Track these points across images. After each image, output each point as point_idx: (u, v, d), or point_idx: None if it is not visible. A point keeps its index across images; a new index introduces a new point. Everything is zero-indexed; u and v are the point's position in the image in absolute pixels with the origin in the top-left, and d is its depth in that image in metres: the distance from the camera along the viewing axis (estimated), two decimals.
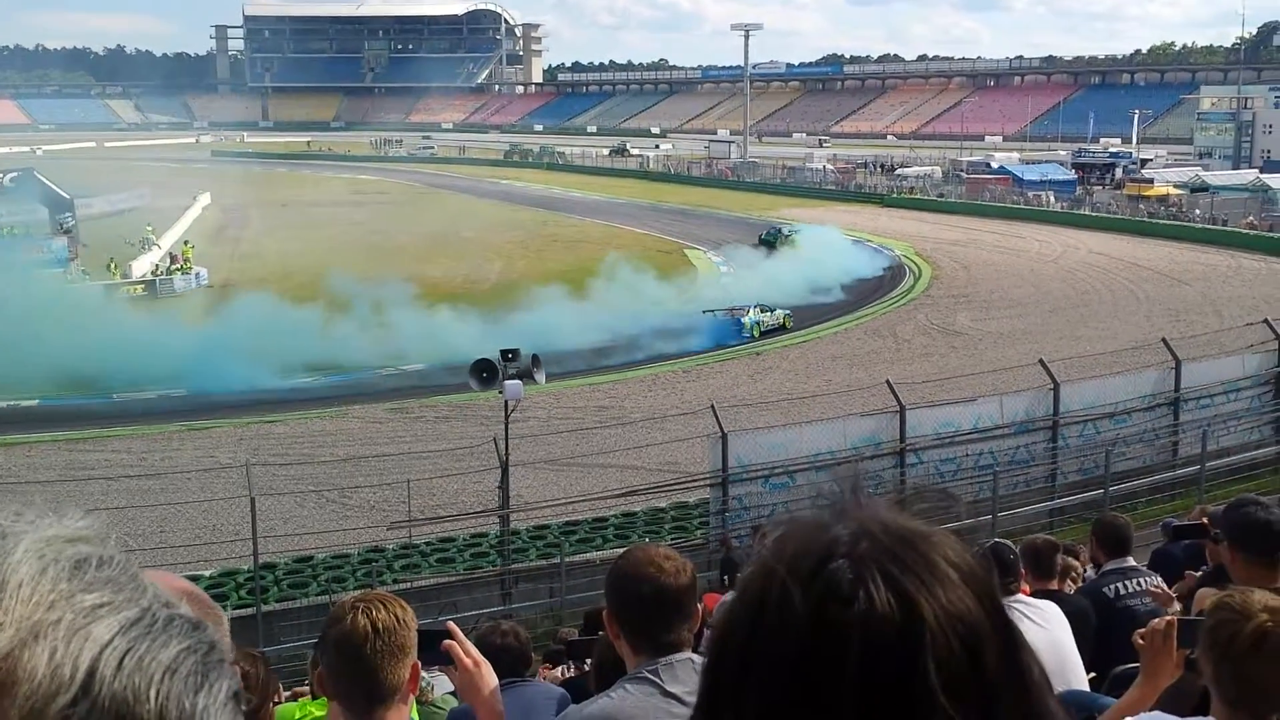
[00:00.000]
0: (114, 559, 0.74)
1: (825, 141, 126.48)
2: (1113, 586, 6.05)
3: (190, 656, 0.73)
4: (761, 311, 34.62)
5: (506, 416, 16.39)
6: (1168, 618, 3.44)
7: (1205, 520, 5.58)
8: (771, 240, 51.20)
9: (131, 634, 0.71)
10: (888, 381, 18.80)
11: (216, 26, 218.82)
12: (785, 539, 0.91)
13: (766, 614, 0.87)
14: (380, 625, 2.70)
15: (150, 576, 0.79)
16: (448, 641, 2.91)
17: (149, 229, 52.20)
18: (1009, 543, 5.79)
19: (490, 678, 2.95)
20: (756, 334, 33.72)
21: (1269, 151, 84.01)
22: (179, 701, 0.71)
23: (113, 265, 44.85)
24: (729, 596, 0.97)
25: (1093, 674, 4.96)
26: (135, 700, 0.69)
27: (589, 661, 5.31)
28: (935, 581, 0.87)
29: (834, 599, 0.85)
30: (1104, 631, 5.55)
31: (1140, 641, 3.40)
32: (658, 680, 2.74)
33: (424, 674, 3.16)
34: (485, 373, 16.25)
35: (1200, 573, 6.07)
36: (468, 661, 2.91)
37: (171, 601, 0.76)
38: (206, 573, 16.24)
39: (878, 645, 0.83)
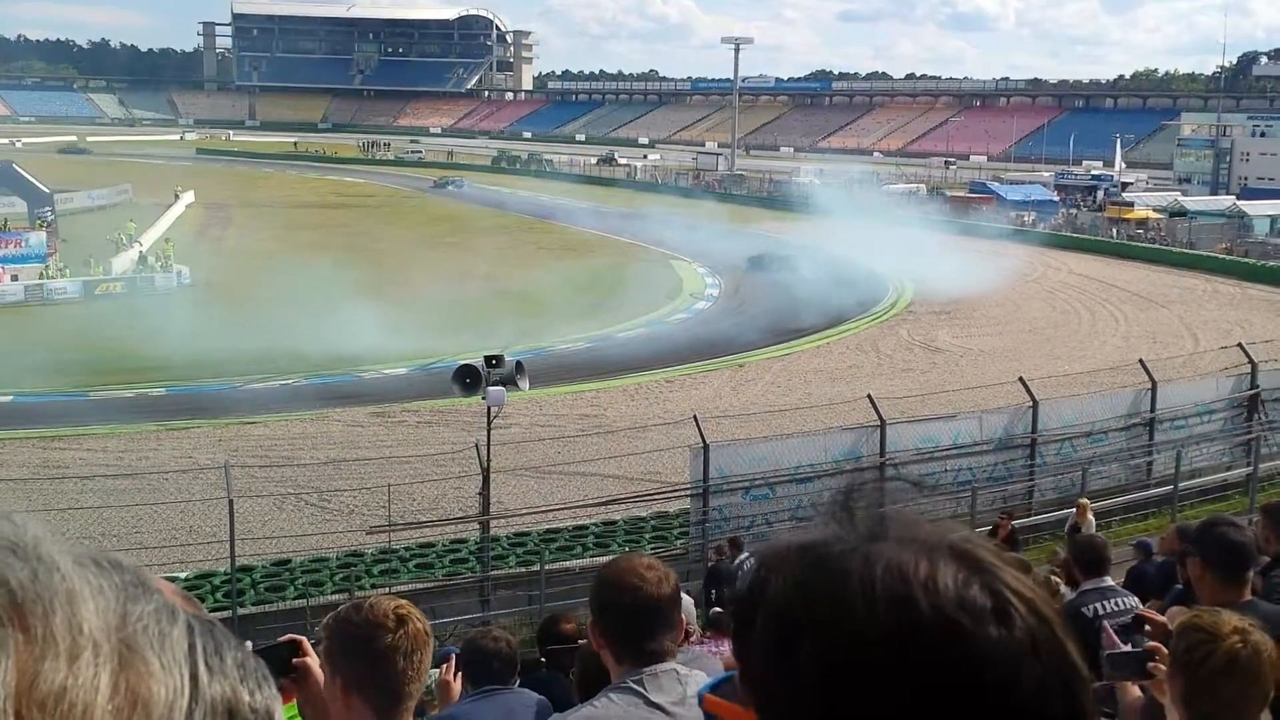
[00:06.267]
0: (120, 561, 0.70)
1: (953, 163, 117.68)
2: (1091, 606, 6.09)
3: (246, 654, 0.72)
4: None
5: (489, 423, 16.36)
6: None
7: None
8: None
9: (196, 635, 0.69)
10: (869, 396, 18.84)
11: (204, 23, 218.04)
12: (873, 560, 0.85)
13: (920, 645, 0.81)
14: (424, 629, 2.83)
15: None
16: (303, 659, 2.74)
17: (131, 225, 51.99)
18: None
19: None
20: None
21: (1246, 179, 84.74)
22: (262, 697, 0.71)
23: (92, 261, 44.66)
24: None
25: None
26: (236, 698, 0.68)
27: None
28: (1033, 590, 0.86)
29: (990, 622, 0.82)
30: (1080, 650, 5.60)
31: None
32: (642, 690, 2.75)
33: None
34: (469, 378, 16.19)
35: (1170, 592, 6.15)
36: (317, 674, 2.76)
37: None
38: (183, 574, 16.14)
39: (1044, 670, 0.82)
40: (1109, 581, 6.48)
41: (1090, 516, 14.15)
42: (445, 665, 4.14)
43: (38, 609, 0.62)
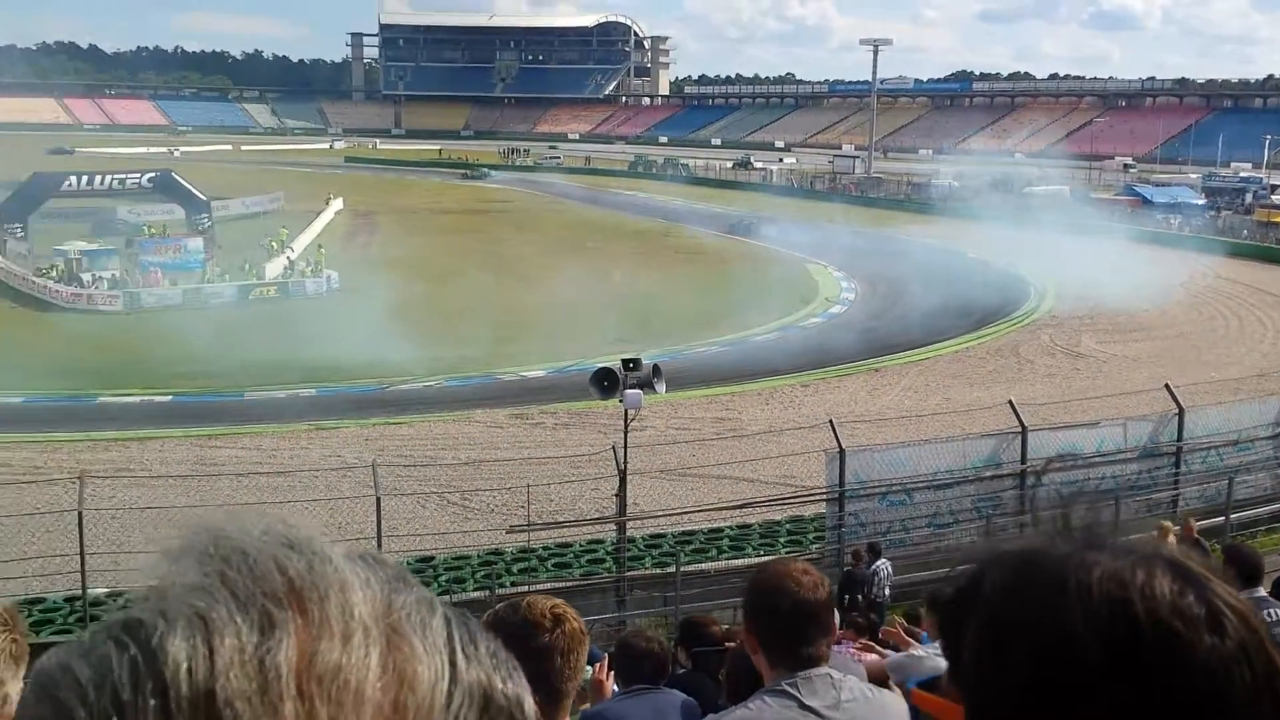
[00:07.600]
0: (383, 558, 0.74)
1: (1133, 166, 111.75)
2: None
3: (498, 645, 0.76)
4: None
5: (626, 425, 16.57)
6: None
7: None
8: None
9: (453, 625, 0.73)
10: (1010, 401, 18.59)
11: (352, 34, 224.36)
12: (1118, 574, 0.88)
13: (1135, 650, 0.84)
14: (580, 628, 2.92)
15: None
16: None
17: (283, 231, 53.64)
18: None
19: None
20: None
21: None
22: (513, 685, 0.74)
23: (247, 266, 46.20)
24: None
25: None
26: (490, 684, 0.72)
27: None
28: (1244, 602, 0.89)
29: (1204, 631, 0.85)
30: None
31: None
32: (796, 694, 2.79)
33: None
34: (606, 381, 16.42)
35: None
36: None
37: None
38: None
39: (1255, 679, 0.85)
40: (1262, 592, 6.39)
41: (1172, 539, 13.54)
42: (599, 665, 4.30)
43: (314, 595, 0.68)
